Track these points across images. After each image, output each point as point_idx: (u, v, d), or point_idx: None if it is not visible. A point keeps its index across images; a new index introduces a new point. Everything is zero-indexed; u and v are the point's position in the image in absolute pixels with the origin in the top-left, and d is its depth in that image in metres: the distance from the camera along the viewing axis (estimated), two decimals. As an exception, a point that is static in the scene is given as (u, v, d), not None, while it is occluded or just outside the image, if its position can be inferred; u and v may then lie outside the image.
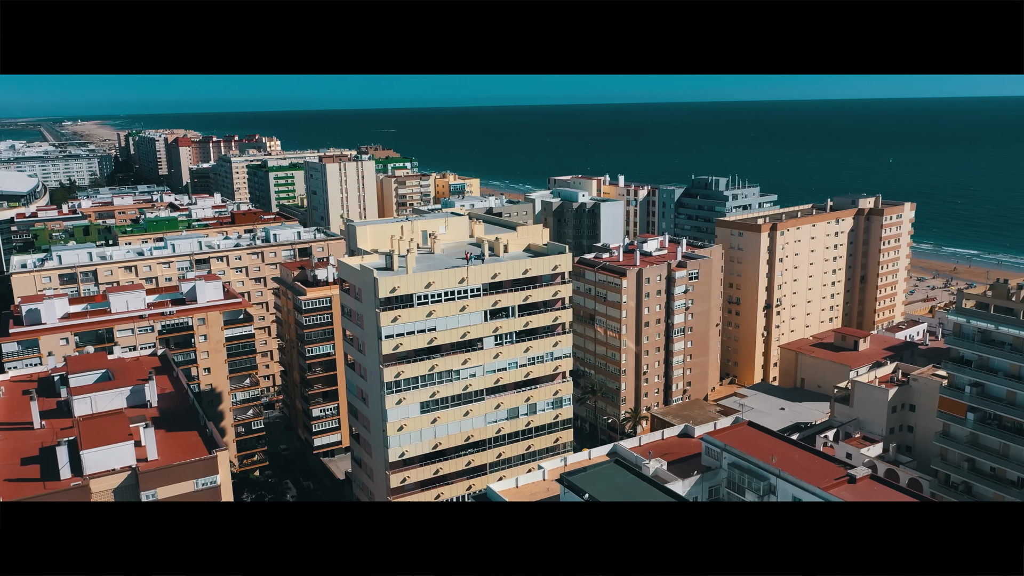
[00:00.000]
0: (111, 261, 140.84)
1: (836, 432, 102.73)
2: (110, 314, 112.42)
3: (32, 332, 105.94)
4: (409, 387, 76.37)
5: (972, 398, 78.97)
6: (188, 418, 76.25)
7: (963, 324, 79.10)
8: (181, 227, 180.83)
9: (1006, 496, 77.75)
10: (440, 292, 76.90)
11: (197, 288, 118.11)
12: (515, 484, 66.11)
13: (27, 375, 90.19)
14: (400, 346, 75.47)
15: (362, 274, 76.10)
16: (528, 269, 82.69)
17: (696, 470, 68.63)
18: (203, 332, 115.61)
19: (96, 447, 65.43)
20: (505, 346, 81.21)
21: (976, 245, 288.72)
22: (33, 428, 74.49)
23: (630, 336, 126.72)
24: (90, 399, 77.28)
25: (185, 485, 66.71)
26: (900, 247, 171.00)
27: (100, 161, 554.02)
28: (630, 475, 64.20)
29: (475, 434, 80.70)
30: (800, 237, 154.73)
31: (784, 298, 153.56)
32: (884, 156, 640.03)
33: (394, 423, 76.07)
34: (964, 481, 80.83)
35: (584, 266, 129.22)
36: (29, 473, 66.06)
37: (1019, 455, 76.47)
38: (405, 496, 79.43)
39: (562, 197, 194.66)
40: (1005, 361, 76.15)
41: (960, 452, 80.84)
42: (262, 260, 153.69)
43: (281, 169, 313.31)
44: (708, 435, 70.76)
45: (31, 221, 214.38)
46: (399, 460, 77.50)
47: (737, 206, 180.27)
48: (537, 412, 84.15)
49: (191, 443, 71.08)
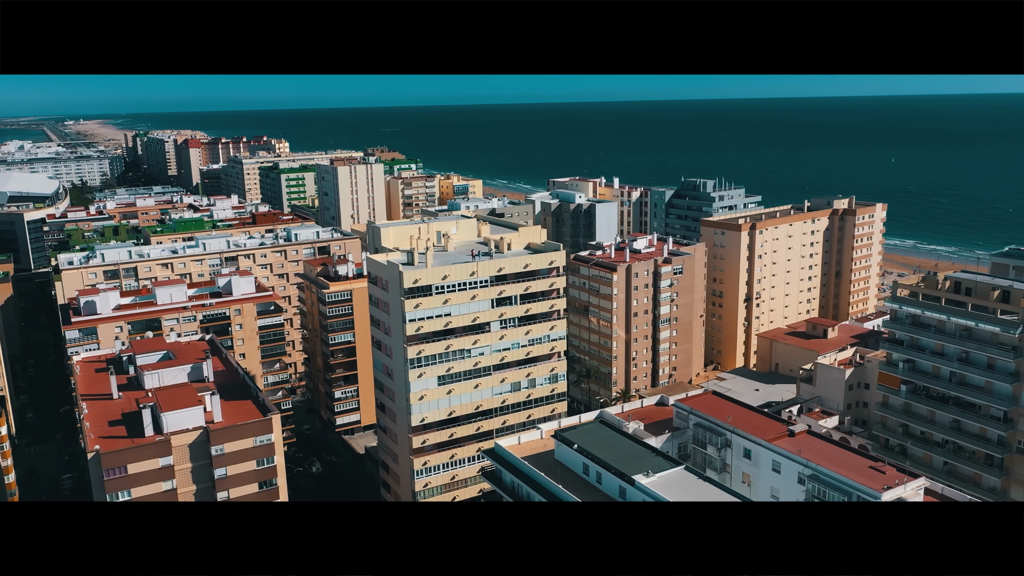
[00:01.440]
0: (149, 259, 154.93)
1: (800, 407, 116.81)
2: (156, 305, 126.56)
3: (91, 321, 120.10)
4: (428, 363, 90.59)
5: (905, 373, 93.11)
6: (242, 389, 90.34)
7: (897, 310, 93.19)
8: (206, 227, 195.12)
9: (934, 455, 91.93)
10: (454, 283, 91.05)
11: (232, 282, 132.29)
12: (518, 441, 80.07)
13: (96, 356, 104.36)
14: (421, 328, 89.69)
15: (389, 268, 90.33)
16: (528, 264, 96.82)
17: (668, 430, 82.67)
18: (239, 321, 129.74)
19: (173, 410, 79.55)
20: (509, 329, 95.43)
21: (957, 242, 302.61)
22: (112, 398, 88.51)
23: (620, 325, 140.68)
24: (158, 374, 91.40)
25: (246, 442, 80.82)
26: (872, 244, 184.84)
27: (111, 162, 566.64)
28: (612, 432, 78.15)
29: (483, 404, 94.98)
30: (778, 236, 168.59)
31: (763, 291, 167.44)
32: (877, 155, 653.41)
33: (416, 393, 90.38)
34: (899, 443, 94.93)
35: (579, 262, 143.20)
36: (117, 432, 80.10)
37: (943, 420, 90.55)
38: (424, 457, 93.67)
39: (560, 198, 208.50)
40: (931, 341, 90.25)
41: (896, 419, 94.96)
42: (284, 257, 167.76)
43: (292, 171, 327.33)
44: (678, 401, 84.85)
45: (61, 222, 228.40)
46: (420, 425, 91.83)
47: (723, 206, 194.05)
48: (536, 386, 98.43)
49: (247, 409, 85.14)
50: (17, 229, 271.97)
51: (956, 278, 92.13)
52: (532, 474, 73.37)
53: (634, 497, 66.11)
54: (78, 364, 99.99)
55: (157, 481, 77.42)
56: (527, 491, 73.88)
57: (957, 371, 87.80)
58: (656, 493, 63.92)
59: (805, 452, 70.76)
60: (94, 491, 77.23)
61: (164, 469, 77.54)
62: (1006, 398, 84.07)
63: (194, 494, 79.78)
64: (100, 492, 76.02)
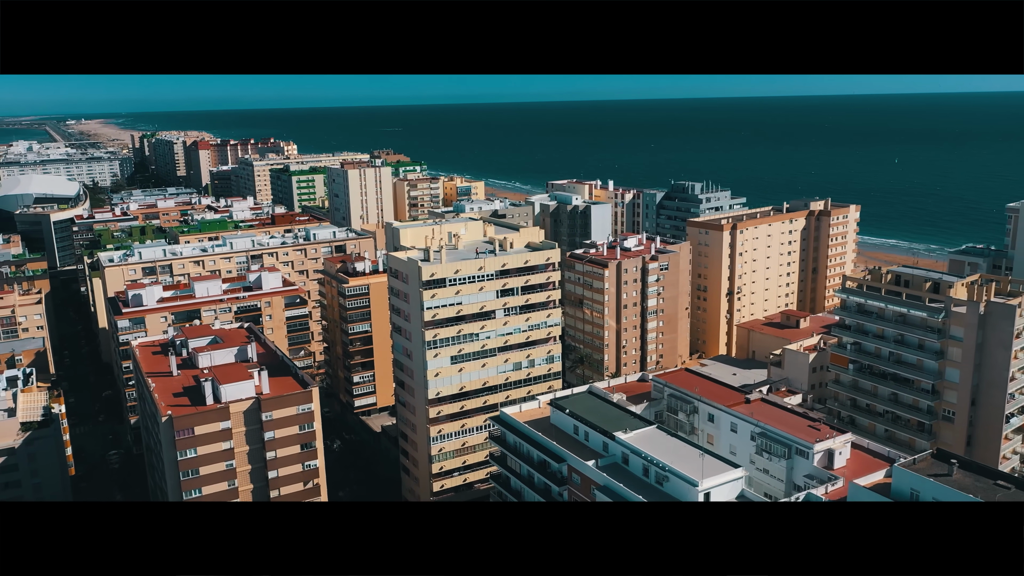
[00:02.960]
0: (182, 256, 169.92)
1: (769, 387, 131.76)
2: (195, 298, 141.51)
3: (140, 312, 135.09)
4: (442, 345, 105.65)
5: (852, 353, 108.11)
6: (282, 368, 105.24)
7: (845, 299, 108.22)
8: (229, 227, 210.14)
9: (877, 424, 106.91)
10: (464, 276, 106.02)
11: (262, 278, 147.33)
12: (519, 410, 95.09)
13: (150, 341, 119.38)
14: (436, 315, 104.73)
15: (409, 264, 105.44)
16: (528, 260, 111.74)
17: (646, 400, 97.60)
18: (268, 312, 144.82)
19: (229, 383, 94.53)
20: (511, 316, 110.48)
21: (939, 240, 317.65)
22: (172, 375, 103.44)
23: (612, 316, 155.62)
24: (209, 355, 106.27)
25: (290, 410, 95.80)
26: (847, 243, 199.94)
27: (120, 163, 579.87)
28: (599, 400, 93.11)
29: (489, 380, 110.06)
30: (758, 235, 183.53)
31: (744, 286, 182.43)
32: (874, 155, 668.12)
33: (432, 370, 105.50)
34: (849, 415, 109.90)
35: (575, 259, 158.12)
36: (181, 402, 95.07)
37: (884, 394, 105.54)
38: (439, 426, 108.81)
39: (558, 200, 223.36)
40: (873, 325, 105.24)
41: (845, 393, 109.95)
42: (304, 255, 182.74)
43: (303, 173, 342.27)
44: (655, 376, 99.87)
45: (90, 222, 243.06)
46: (435, 398, 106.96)
47: (710, 208, 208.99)
48: (535, 366, 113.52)
49: (289, 383, 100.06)
50: (44, 229, 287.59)
51: (896, 272, 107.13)
52: (531, 434, 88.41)
53: (614, 450, 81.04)
54: (137, 348, 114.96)
55: (218, 441, 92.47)
56: (527, 448, 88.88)
57: (894, 351, 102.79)
58: (632, 444, 78.91)
59: (756, 415, 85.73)
60: (164, 450, 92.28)
61: (223, 431, 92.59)
62: (933, 373, 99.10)
63: (247, 453, 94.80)
64: (171, 450, 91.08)
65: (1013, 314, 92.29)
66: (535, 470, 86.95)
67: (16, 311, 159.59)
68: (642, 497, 72.28)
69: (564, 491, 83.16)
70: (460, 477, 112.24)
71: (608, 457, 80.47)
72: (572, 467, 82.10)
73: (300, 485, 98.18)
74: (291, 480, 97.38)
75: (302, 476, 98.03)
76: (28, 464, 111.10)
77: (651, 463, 75.55)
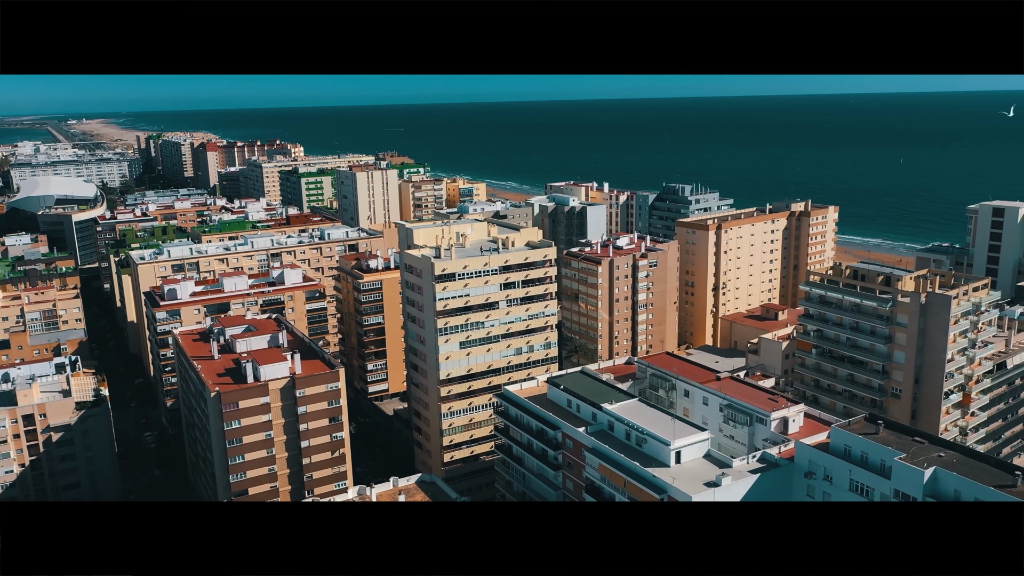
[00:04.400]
0: (208, 255, 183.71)
1: (746, 372, 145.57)
2: (224, 292, 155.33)
3: (176, 304, 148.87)
4: (452, 332, 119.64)
5: (815, 339, 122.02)
6: (310, 352, 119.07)
7: (809, 291, 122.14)
8: (247, 227, 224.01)
9: (836, 402, 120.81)
10: (471, 271, 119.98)
11: (285, 274, 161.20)
12: (520, 388, 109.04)
13: (189, 330, 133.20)
14: (447, 305, 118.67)
15: (422, 260, 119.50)
16: (527, 257, 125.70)
17: (631, 379, 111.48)
18: (291, 306, 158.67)
19: (267, 364, 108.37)
20: (513, 307, 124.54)
21: (921, 239, 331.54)
22: (214, 358, 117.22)
23: (605, 309, 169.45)
24: (246, 341, 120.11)
25: (320, 388, 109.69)
26: (826, 242, 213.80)
27: (129, 164, 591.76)
28: (590, 379, 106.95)
29: (493, 364, 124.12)
30: (742, 234, 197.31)
31: (729, 282, 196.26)
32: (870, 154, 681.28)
33: (443, 354, 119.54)
34: (813, 394, 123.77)
35: (570, 257, 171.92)
36: (225, 381, 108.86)
37: (842, 375, 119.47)
38: (449, 404, 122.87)
39: (556, 202, 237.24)
40: (832, 314, 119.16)
41: (809, 375, 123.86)
42: (320, 254, 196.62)
43: (311, 175, 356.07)
44: (639, 359, 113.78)
45: (113, 223, 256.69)
46: (446, 379, 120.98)
47: (699, 208, 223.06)
48: (534, 351, 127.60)
49: (318, 365, 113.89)
50: (66, 229, 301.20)
51: (854, 267, 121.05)
52: (530, 407, 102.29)
53: (602, 419, 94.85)
54: (180, 335, 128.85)
55: (258, 415, 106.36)
56: (527, 419, 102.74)
57: (851, 337, 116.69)
58: (616, 413, 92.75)
59: (724, 390, 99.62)
60: (212, 422, 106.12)
61: (263, 406, 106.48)
62: (883, 356, 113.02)
63: (283, 425, 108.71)
64: (218, 422, 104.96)
65: (949, 303, 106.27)
66: (534, 438, 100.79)
67: (57, 305, 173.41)
68: (624, 456, 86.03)
69: (559, 454, 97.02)
70: (467, 449, 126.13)
71: (596, 425, 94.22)
72: (566, 434, 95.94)
73: (328, 454, 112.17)
74: (320, 449, 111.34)
75: (330, 446, 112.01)
76: (83, 439, 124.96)
77: (632, 428, 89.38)
